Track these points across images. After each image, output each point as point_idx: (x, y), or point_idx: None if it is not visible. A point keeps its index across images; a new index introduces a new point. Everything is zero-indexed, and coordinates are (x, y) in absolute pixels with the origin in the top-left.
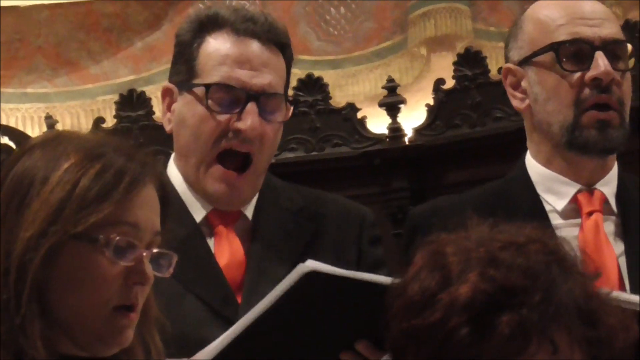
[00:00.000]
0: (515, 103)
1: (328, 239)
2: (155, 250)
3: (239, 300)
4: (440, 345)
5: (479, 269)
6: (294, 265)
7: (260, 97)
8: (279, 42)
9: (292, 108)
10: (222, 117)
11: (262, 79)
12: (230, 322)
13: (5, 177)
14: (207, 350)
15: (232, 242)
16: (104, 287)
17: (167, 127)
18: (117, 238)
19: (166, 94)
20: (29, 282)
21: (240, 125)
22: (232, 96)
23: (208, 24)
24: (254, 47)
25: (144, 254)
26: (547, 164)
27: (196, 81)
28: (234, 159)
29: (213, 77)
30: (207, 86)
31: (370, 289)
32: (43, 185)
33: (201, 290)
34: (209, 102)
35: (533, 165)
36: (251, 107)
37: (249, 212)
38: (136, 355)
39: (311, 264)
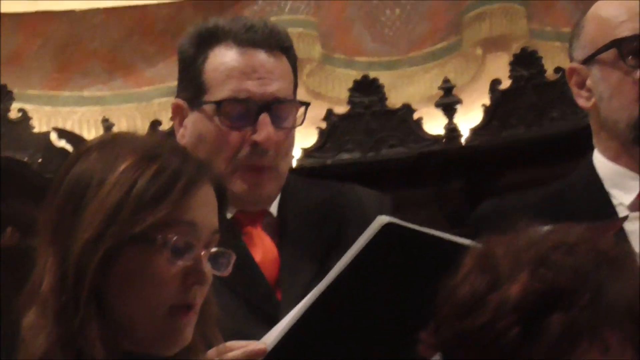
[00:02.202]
0: (581, 102)
1: (352, 228)
2: (213, 250)
3: (278, 296)
4: (490, 346)
5: (529, 269)
6: (323, 259)
7: (272, 106)
8: (282, 47)
9: (306, 107)
10: (237, 132)
11: (272, 87)
12: (271, 319)
13: (62, 179)
14: (286, 319)
15: (264, 240)
16: (162, 288)
17: (182, 142)
18: (175, 238)
19: (177, 110)
20: (87, 284)
21: (256, 137)
22: (244, 109)
23: (209, 38)
24: (259, 56)
25: (202, 253)
26: (615, 159)
27: (206, 98)
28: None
29: (222, 92)
30: (218, 103)
31: (444, 248)
32: (100, 187)
33: (241, 288)
34: (222, 118)
35: (601, 162)
36: (264, 118)
37: (273, 209)
38: (199, 354)
39: (388, 217)
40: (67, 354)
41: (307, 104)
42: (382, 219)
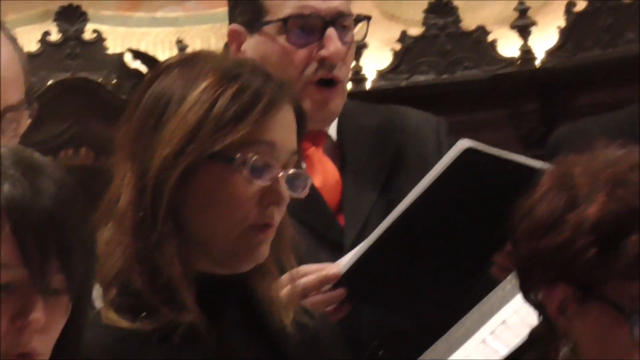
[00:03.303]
0: None
1: (411, 152)
2: (291, 171)
3: (341, 222)
4: (567, 266)
5: (607, 189)
6: (384, 184)
7: (336, 20)
8: None
9: (368, 20)
10: (304, 49)
11: (335, 2)
12: (335, 246)
13: (141, 96)
14: (364, 243)
15: (325, 164)
16: (239, 207)
17: None
18: (254, 158)
19: (234, 36)
20: (165, 200)
21: (324, 52)
22: (309, 26)
23: None
24: None
25: (280, 174)
26: None
27: (267, 18)
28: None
29: (285, 10)
30: (284, 20)
31: (522, 172)
32: (180, 104)
33: (304, 215)
34: (287, 36)
35: None
36: (331, 32)
37: (332, 133)
38: (271, 274)
39: (469, 142)
40: (144, 270)
41: (368, 18)
42: (463, 143)
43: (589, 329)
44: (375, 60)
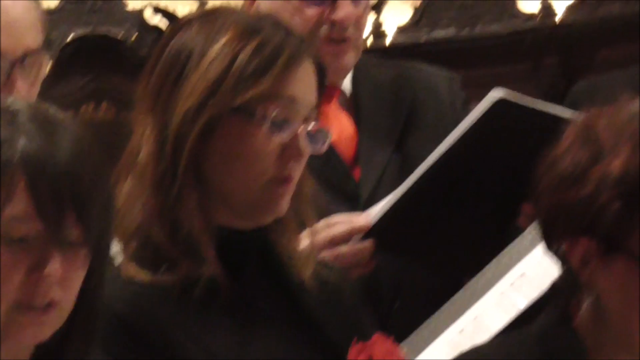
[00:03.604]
0: None
1: (425, 107)
2: (311, 126)
3: (356, 175)
4: (591, 220)
5: (631, 143)
6: (399, 139)
7: None
8: None
9: None
10: (316, 8)
11: None
12: (351, 199)
13: (162, 50)
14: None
15: (340, 117)
16: (260, 161)
17: None
18: (275, 112)
19: None
20: (186, 153)
21: (336, 16)
22: None
23: None
24: None
25: (301, 129)
26: None
27: None
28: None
29: None
30: None
31: (554, 123)
32: (201, 58)
33: (319, 169)
34: None
35: None
36: None
37: (346, 87)
38: (290, 228)
39: (502, 92)
40: (165, 223)
41: None
42: (496, 94)
43: (612, 281)
44: (396, 15)
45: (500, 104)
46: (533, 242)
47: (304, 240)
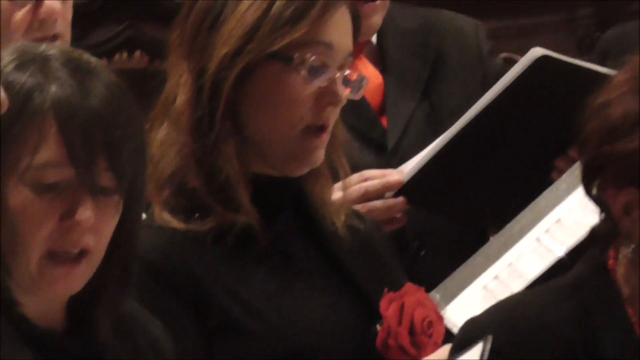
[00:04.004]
0: None
1: (451, 56)
2: (347, 72)
3: (383, 123)
4: (637, 173)
5: None
6: (425, 87)
7: None
8: None
9: None
10: None
11: None
12: (378, 147)
13: None
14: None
15: (367, 67)
16: (296, 107)
17: None
18: (312, 58)
19: None
20: (224, 99)
21: None
22: None
23: None
24: None
25: (337, 75)
26: None
27: None
28: None
29: None
30: None
31: (593, 80)
32: (238, 4)
33: (347, 117)
34: None
35: None
36: None
37: (372, 38)
38: (324, 176)
39: (542, 50)
40: (201, 169)
41: None
42: (536, 51)
43: None
44: None
45: (541, 60)
46: (569, 190)
47: (337, 192)
